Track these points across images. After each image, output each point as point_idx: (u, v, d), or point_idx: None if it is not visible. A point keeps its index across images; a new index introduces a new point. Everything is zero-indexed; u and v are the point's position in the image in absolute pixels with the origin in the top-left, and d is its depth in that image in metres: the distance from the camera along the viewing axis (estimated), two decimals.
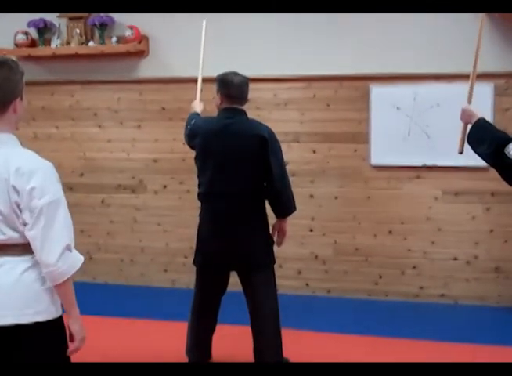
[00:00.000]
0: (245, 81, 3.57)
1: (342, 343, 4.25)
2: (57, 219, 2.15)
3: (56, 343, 2.25)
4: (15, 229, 2.16)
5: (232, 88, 3.51)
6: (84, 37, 5.54)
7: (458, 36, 4.94)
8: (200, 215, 3.64)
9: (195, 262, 3.65)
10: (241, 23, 5.27)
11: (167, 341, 4.19)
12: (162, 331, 4.44)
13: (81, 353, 2.31)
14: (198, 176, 3.60)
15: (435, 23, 4.96)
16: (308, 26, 5.17)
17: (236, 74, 3.58)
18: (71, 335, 2.27)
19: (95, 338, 4.22)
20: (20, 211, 2.14)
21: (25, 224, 2.15)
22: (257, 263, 3.55)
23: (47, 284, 2.21)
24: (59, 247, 2.14)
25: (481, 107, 4.85)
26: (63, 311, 2.29)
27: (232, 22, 5.28)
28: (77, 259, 2.22)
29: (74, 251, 2.22)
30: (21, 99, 2.26)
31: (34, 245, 2.15)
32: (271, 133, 3.52)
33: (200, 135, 3.54)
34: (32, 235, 2.14)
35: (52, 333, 2.23)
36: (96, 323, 4.59)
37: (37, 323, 2.17)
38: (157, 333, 4.41)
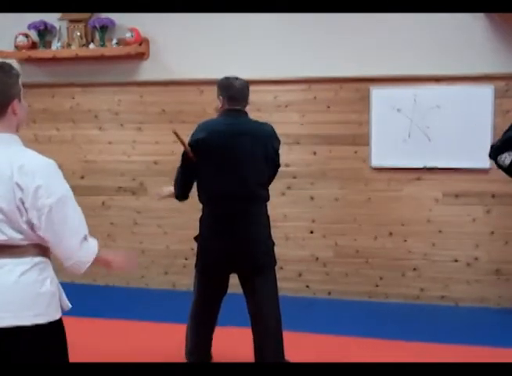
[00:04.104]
0: (246, 85, 3.60)
1: (342, 345, 4.25)
2: (69, 215, 2.19)
3: (55, 345, 2.25)
4: (17, 230, 2.16)
5: (233, 89, 3.54)
6: (84, 39, 5.54)
7: (458, 38, 4.95)
8: (203, 217, 3.58)
9: (198, 265, 3.60)
10: (242, 25, 5.28)
11: (168, 343, 4.18)
12: (162, 333, 4.44)
13: (81, 355, 2.31)
14: (201, 178, 3.53)
15: (435, 25, 4.96)
16: (309, 28, 5.17)
17: (236, 78, 3.61)
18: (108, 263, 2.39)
19: (95, 340, 4.25)
20: (25, 209, 2.15)
21: (31, 223, 2.15)
22: (262, 264, 3.56)
23: (46, 287, 2.21)
24: (77, 241, 2.20)
25: (481, 109, 4.94)
26: (62, 313, 2.30)
27: (232, 23, 5.28)
28: (94, 245, 2.29)
29: (90, 238, 2.27)
30: (19, 100, 2.26)
31: (52, 244, 2.19)
32: (274, 131, 3.64)
33: (205, 135, 3.45)
34: (48, 236, 2.17)
35: (50, 335, 2.22)
36: (97, 325, 4.61)
37: (35, 325, 2.17)
38: (157, 335, 4.41)
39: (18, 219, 2.15)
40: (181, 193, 3.69)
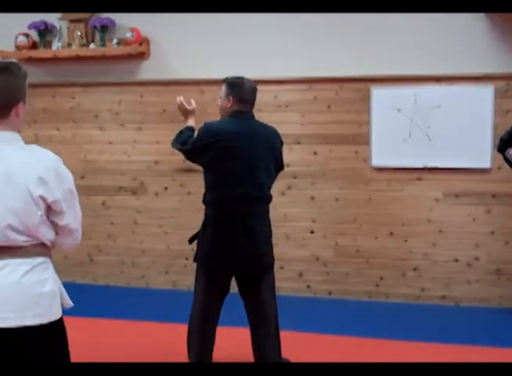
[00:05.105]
0: (255, 87, 3.61)
1: (343, 345, 4.25)
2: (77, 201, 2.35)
3: (56, 345, 2.25)
4: (22, 231, 2.16)
5: (246, 91, 3.53)
6: (85, 39, 5.55)
7: (458, 38, 4.96)
8: (210, 219, 3.49)
9: (205, 268, 3.52)
10: (242, 25, 5.28)
11: (168, 343, 4.19)
12: (163, 333, 4.44)
13: (81, 355, 2.31)
14: (215, 179, 3.46)
15: (436, 25, 4.96)
16: (309, 28, 5.17)
17: (248, 79, 3.60)
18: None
19: (95, 340, 4.25)
20: (45, 201, 2.18)
21: (50, 215, 2.23)
22: (269, 266, 3.58)
23: (47, 287, 2.22)
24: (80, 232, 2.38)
25: (481, 109, 4.95)
26: (63, 313, 2.30)
27: (232, 23, 5.29)
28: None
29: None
30: (24, 103, 2.26)
31: (69, 230, 2.30)
32: (278, 133, 3.67)
33: (221, 137, 3.40)
34: (69, 222, 2.28)
35: (52, 334, 2.23)
36: (97, 325, 4.61)
37: (37, 326, 2.17)
38: (158, 335, 4.41)
39: (32, 216, 2.16)
40: (176, 143, 3.64)
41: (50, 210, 2.22)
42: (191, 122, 3.70)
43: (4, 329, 2.13)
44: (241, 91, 3.52)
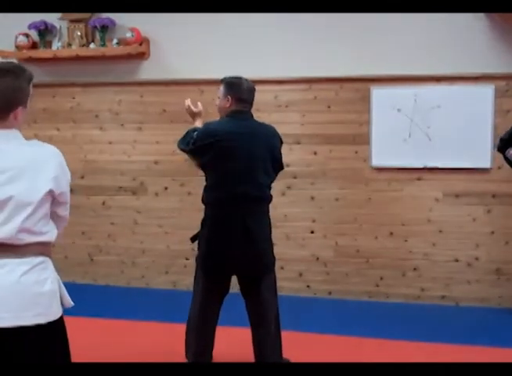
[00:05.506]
0: (254, 87, 3.61)
1: (343, 345, 4.25)
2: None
3: (56, 344, 2.25)
4: (27, 228, 2.16)
5: (244, 90, 3.54)
6: (85, 39, 5.55)
7: (458, 38, 4.96)
8: (208, 218, 3.51)
9: (205, 267, 3.52)
10: (242, 25, 5.28)
11: (168, 343, 4.18)
12: (163, 333, 4.44)
13: (81, 355, 2.31)
14: (213, 179, 3.48)
15: (436, 25, 4.96)
16: (309, 28, 5.17)
17: (245, 79, 3.60)
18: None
19: (95, 340, 4.25)
20: (54, 195, 2.24)
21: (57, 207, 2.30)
22: (269, 265, 3.58)
23: (47, 286, 2.22)
24: None
25: (481, 109, 4.95)
26: (64, 312, 2.30)
27: (232, 23, 5.29)
28: None
29: None
30: (25, 106, 2.25)
31: (64, 220, 2.39)
32: (277, 132, 3.67)
33: (219, 137, 3.41)
34: (66, 212, 2.37)
35: (52, 334, 2.23)
36: (97, 325, 4.61)
37: (37, 325, 2.16)
38: (158, 335, 4.41)
39: (43, 209, 2.19)
40: (181, 144, 3.63)
41: (54, 201, 2.25)
42: (198, 123, 3.72)
43: (2, 329, 2.13)
44: (239, 91, 3.53)
